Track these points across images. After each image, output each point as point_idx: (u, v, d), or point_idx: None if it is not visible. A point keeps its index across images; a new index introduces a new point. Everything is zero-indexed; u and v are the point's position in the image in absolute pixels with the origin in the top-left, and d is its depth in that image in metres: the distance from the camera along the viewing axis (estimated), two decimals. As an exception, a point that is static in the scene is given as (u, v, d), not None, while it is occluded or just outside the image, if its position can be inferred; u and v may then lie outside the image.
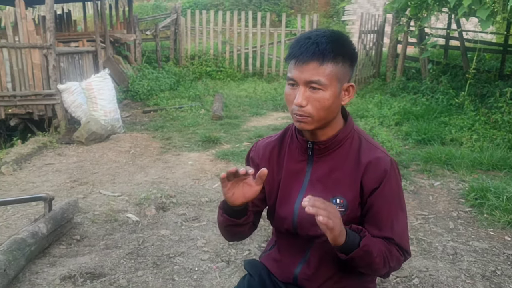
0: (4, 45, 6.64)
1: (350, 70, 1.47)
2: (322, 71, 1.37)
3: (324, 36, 1.41)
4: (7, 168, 4.95)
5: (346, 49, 1.43)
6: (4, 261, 2.52)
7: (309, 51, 1.37)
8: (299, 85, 1.40)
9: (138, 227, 3.55)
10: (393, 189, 1.48)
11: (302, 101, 1.39)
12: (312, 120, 1.41)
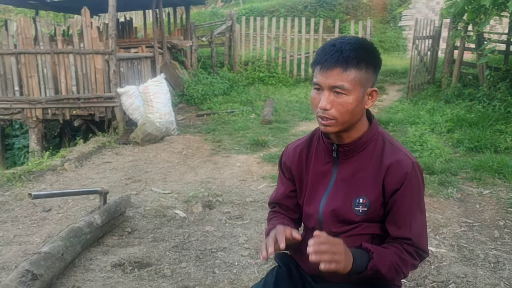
0: (70, 51, 7.14)
1: (374, 76, 1.54)
2: (346, 76, 1.45)
3: (348, 43, 1.49)
4: (69, 165, 5.34)
5: (370, 56, 1.51)
6: (62, 247, 2.78)
7: (334, 58, 1.46)
8: (324, 89, 1.48)
9: (185, 223, 3.74)
10: (413, 190, 1.54)
11: (327, 105, 1.47)
12: (336, 123, 1.49)
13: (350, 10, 19.31)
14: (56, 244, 2.78)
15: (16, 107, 7.44)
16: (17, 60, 7.27)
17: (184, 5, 11.76)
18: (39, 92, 7.31)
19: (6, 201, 4.17)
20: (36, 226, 3.64)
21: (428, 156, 5.34)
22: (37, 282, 2.44)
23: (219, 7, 22.53)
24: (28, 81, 7.29)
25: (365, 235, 1.61)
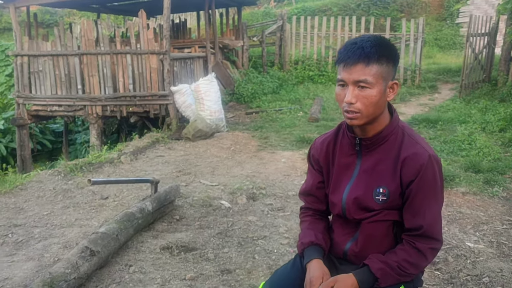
0: (128, 52, 7.58)
1: (394, 70, 1.65)
2: (368, 71, 1.57)
3: (368, 41, 1.62)
4: (125, 158, 5.72)
5: (389, 51, 1.62)
6: (116, 229, 3.06)
7: (356, 55, 1.58)
8: (348, 85, 1.60)
9: (229, 213, 3.96)
10: (429, 181, 1.64)
11: (352, 99, 1.59)
12: (361, 115, 1.61)
13: (405, 7, 18.92)
14: (112, 226, 3.07)
15: (79, 104, 7.98)
16: (80, 61, 7.80)
17: (236, 5, 12.05)
18: (99, 90, 7.81)
19: (69, 189, 4.57)
20: (94, 212, 3.98)
21: (476, 155, 5.27)
22: (94, 258, 2.73)
23: (272, 7, 22.73)
24: (89, 80, 7.82)
25: (385, 222, 1.73)
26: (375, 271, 1.65)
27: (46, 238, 3.42)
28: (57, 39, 7.93)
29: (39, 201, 4.26)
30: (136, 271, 2.89)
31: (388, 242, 1.77)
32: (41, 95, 8.17)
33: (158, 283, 2.74)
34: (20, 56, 8.16)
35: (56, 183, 4.74)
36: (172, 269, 2.93)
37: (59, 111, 8.23)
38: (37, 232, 3.53)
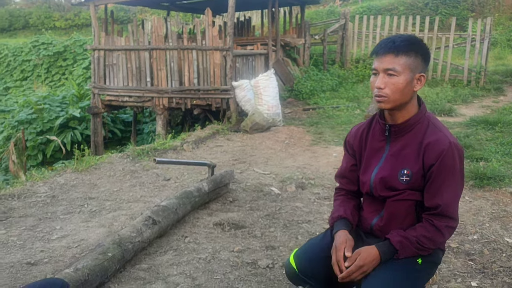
0: (194, 48, 8.07)
1: (422, 64, 1.87)
2: (397, 61, 1.82)
3: (400, 37, 1.88)
4: (187, 146, 6.17)
5: (418, 47, 1.86)
6: (176, 204, 3.45)
7: (387, 47, 1.85)
8: (379, 73, 1.87)
9: (278, 198, 4.26)
10: (448, 165, 1.84)
11: (381, 84, 1.85)
12: (388, 99, 1.85)
13: (476, 6, 18.25)
14: (172, 201, 3.46)
15: (147, 95, 8.59)
16: (150, 55, 8.40)
17: (299, 4, 12.29)
18: (166, 83, 8.37)
19: (136, 170, 5.06)
20: (157, 191, 4.43)
21: (531, 158, 5.21)
22: (155, 227, 3.13)
23: (337, 5, 22.68)
24: (158, 73, 8.40)
25: (408, 201, 1.96)
26: (395, 243, 1.89)
27: (115, 210, 3.89)
28: (130, 34, 8.58)
29: (110, 179, 4.78)
30: (191, 242, 3.26)
31: (410, 219, 1.99)
32: (114, 86, 8.88)
33: (209, 252, 3.09)
34: (97, 50, 8.90)
35: (125, 164, 5.26)
36: (222, 242, 3.27)
37: (130, 101, 8.90)
38: (108, 205, 4.01)
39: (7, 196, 4.11)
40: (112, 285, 2.65)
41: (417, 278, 1.93)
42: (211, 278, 2.75)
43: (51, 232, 3.41)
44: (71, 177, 4.76)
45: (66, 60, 16.87)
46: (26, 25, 26.52)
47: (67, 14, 25.70)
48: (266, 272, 2.86)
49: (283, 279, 2.75)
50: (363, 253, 1.89)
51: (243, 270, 2.86)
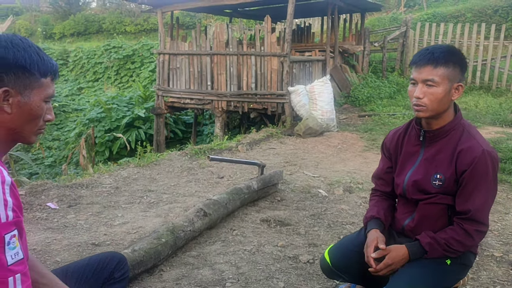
0: (253, 53, 8.36)
1: (460, 74, 1.97)
2: (436, 72, 1.91)
3: (439, 48, 1.97)
4: (242, 147, 6.45)
5: (457, 58, 1.94)
6: (226, 199, 3.71)
7: (426, 58, 1.95)
8: (418, 83, 1.98)
9: (325, 200, 4.40)
10: (480, 172, 1.91)
11: (420, 94, 1.95)
12: (427, 109, 1.96)
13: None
14: (222, 196, 3.72)
15: (207, 98, 8.99)
16: (211, 60, 8.79)
17: (360, 12, 12.30)
18: (226, 87, 8.72)
19: (193, 168, 5.39)
20: (211, 187, 4.71)
21: None
22: (206, 218, 3.39)
23: (401, 12, 22.29)
24: (218, 78, 8.77)
25: (439, 204, 2.05)
26: (424, 245, 2.00)
27: (171, 202, 4.21)
28: (193, 40, 9.02)
29: (169, 174, 5.13)
30: (238, 235, 3.49)
31: (442, 222, 2.08)
32: (177, 89, 9.35)
33: (254, 245, 3.31)
34: (163, 54, 9.42)
35: (183, 162, 5.61)
36: (267, 237, 3.48)
37: (191, 103, 9.34)
38: (165, 197, 4.34)
39: (77, 185, 4.55)
40: (164, 267, 2.93)
41: (444, 277, 2.03)
42: (254, 268, 2.96)
43: (114, 219, 3.77)
44: (134, 171, 5.16)
45: (134, 63, 17.80)
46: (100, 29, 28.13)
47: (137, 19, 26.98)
48: (306, 267, 3.03)
49: (322, 274, 2.90)
50: (392, 251, 2.01)
51: (285, 263, 3.05)
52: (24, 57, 1.30)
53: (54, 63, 1.40)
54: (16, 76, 1.29)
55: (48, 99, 1.39)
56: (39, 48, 1.37)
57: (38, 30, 29.41)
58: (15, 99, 1.30)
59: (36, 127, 1.38)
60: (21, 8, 35.34)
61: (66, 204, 4.06)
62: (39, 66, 1.33)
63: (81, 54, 19.27)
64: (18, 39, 1.32)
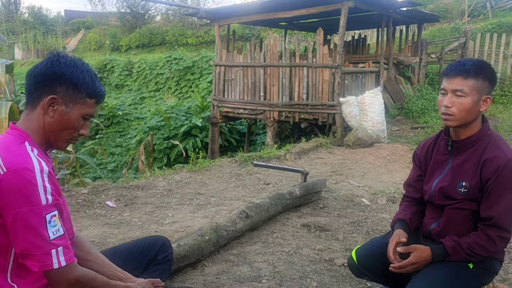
0: (305, 65, 8.56)
1: (489, 87, 2.07)
2: (465, 83, 2.03)
3: (470, 61, 2.09)
4: (290, 156, 6.64)
5: (487, 71, 2.05)
6: (268, 203, 3.91)
7: (457, 69, 2.07)
8: (447, 93, 2.10)
9: (367, 209, 4.49)
10: (505, 181, 2.00)
11: (449, 103, 2.07)
12: (455, 118, 2.07)
13: None
14: (265, 201, 3.92)
15: (260, 109, 9.27)
16: (264, 71, 9.07)
17: (416, 23, 12.15)
18: (278, 97, 8.96)
19: (241, 174, 5.65)
20: (256, 192, 4.93)
21: None
22: (248, 220, 3.61)
23: (465, 21, 21.63)
24: (270, 89, 9.03)
25: (464, 210, 2.16)
26: (448, 248, 2.11)
27: (219, 205, 4.47)
28: (248, 52, 9.35)
29: (218, 179, 5.42)
30: (278, 237, 3.68)
31: (467, 228, 2.17)
32: (231, 99, 9.71)
33: (293, 247, 3.48)
34: (219, 66, 9.83)
35: (232, 168, 5.88)
36: (306, 241, 3.64)
37: (244, 113, 9.66)
38: (213, 200, 4.61)
39: (134, 187, 4.92)
40: (207, 263, 3.17)
41: (466, 280, 2.12)
42: (290, 268, 3.13)
43: (164, 218, 4.07)
44: (186, 175, 5.49)
45: (193, 74, 18.49)
46: (163, 41, 29.42)
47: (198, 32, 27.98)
48: (341, 270, 3.16)
49: (355, 277, 3.03)
50: (417, 251, 2.12)
51: (320, 265, 3.20)
52: (78, 77, 1.58)
53: (103, 90, 1.68)
54: (67, 90, 1.58)
55: (87, 117, 1.66)
56: (95, 75, 1.66)
57: (106, 43, 31.20)
58: (59, 108, 1.59)
59: (69, 136, 1.65)
60: (91, 22, 37.67)
61: (123, 203, 4.43)
62: (88, 88, 1.61)
63: (144, 65, 20.27)
64: (80, 62, 1.62)
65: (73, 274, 1.48)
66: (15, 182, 1.40)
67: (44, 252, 1.41)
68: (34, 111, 1.60)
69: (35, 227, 1.40)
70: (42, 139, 1.60)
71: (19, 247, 1.42)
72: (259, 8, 9.02)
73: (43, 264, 1.42)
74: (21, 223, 1.40)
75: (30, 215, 1.40)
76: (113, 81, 20.84)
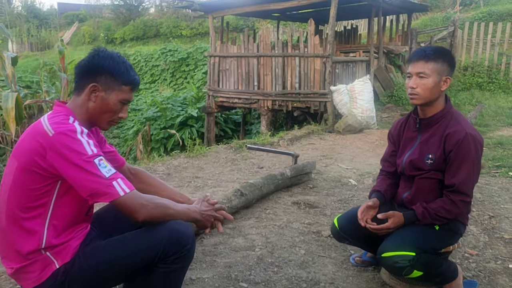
0: (297, 55, 8.83)
1: (449, 69, 2.38)
2: (427, 66, 2.34)
3: (430, 47, 2.42)
4: (282, 142, 6.94)
5: (445, 55, 2.38)
6: (261, 183, 4.21)
7: (419, 55, 2.39)
8: (412, 76, 2.43)
9: (354, 188, 4.81)
10: (464, 152, 2.31)
11: (413, 85, 2.40)
12: (419, 97, 2.39)
13: None
14: (258, 181, 4.23)
15: (254, 98, 9.55)
16: (258, 61, 9.34)
17: (406, 13, 12.43)
18: (271, 87, 9.24)
19: (236, 159, 5.95)
20: (251, 175, 5.24)
21: None
22: (242, 198, 3.91)
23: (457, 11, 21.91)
24: (264, 78, 9.31)
25: (432, 179, 2.47)
26: (418, 213, 2.42)
27: (215, 186, 4.77)
28: (242, 43, 9.61)
29: (214, 164, 5.72)
30: (270, 213, 3.99)
31: (434, 195, 2.49)
32: (226, 89, 9.99)
33: (283, 221, 3.79)
34: (213, 57, 10.09)
35: (228, 154, 6.18)
36: (296, 216, 3.95)
37: (239, 103, 9.94)
38: (210, 183, 4.91)
39: (135, 171, 5.21)
40: (205, 236, 3.46)
41: (432, 238, 2.44)
42: (281, 238, 3.45)
43: (165, 198, 4.37)
44: (184, 161, 5.79)
45: (188, 65, 18.72)
46: (157, 33, 29.55)
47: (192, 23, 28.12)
48: (327, 240, 3.47)
49: (340, 246, 3.34)
50: (395, 217, 2.43)
51: (308, 237, 3.52)
52: (114, 68, 1.91)
53: (137, 78, 2.01)
54: (105, 79, 1.91)
55: (125, 102, 1.98)
56: (130, 65, 1.98)
57: (101, 35, 31.27)
58: (100, 94, 1.91)
59: (109, 118, 1.98)
60: (85, 15, 37.65)
61: (126, 186, 4.72)
62: (123, 76, 1.93)
63: (140, 57, 20.47)
64: (116, 55, 1.95)
65: (139, 198, 1.77)
66: (63, 140, 1.70)
67: (107, 186, 1.70)
68: (79, 96, 1.92)
69: (91, 171, 1.70)
70: (85, 119, 1.92)
71: (85, 191, 1.71)
72: (252, 0, 9.27)
73: (111, 196, 1.71)
74: (78, 172, 1.69)
75: (83, 163, 1.69)
76: (108, 73, 20.99)
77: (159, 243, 1.87)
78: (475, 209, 4.13)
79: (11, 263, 1.81)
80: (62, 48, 7.47)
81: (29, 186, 1.74)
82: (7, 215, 1.78)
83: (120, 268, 1.87)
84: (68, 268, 1.80)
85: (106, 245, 1.90)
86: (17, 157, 1.79)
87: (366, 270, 2.95)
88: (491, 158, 5.87)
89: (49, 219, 1.79)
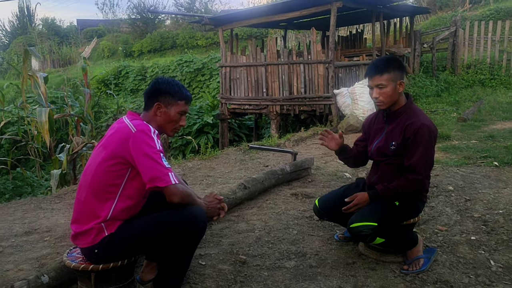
0: (301, 62, 9.44)
1: (400, 74, 2.96)
2: (382, 78, 2.91)
3: (381, 60, 2.99)
4: (289, 143, 7.54)
5: (394, 64, 2.94)
6: (263, 177, 4.82)
7: (373, 70, 2.96)
8: (373, 88, 3.02)
9: (348, 180, 5.37)
10: (419, 139, 2.85)
11: (376, 95, 2.97)
12: (384, 103, 2.97)
13: None
14: (260, 176, 4.84)
15: (263, 104, 10.17)
16: (266, 70, 9.97)
17: (408, 15, 12.92)
18: (279, 93, 9.86)
19: (244, 159, 6.57)
20: (257, 173, 5.84)
21: None
22: (245, 191, 4.52)
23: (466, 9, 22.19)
24: (271, 85, 9.93)
25: (394, 164, 3.03)
26: (379, 190, 3.00)
27: (225, 183, 5.40)
28: (250, 53, 10.26)
29: (225, 165, 6.35)
30: (270, 203, 4.59)
31: (395, 178, 3.06)
32: (237, 96, 10.64)
33: (282, 209, 4.39)
34: (224, 67, 10.76)
35: (237, 155, 6.81)
36: (293, 205, 4.54)
37: (249, 109, 10.58)
38: (220, 180, 5.55)
39: (154, 173, 5.88)
40: (213, 222, 4.09)
41: (392, 212, 3.01)
42: (278, 222, 4.04)
43: (180, 194, 5.01)
44: (197, 163, 6.44)
45: (204, 75, 19.46)
46: (174, 45, 30.45)
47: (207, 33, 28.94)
48: (317, 223, 4.06)
49: (328, 226, 3.93)
50: (359, 196, 3.02)
51: (301, 220, 4.10)
52: (171, 89, 2.62)
53: (189, 94, 2.71)
54: (166, 98, 2.61)
55: (182, 113, 2.68)
56: (182, 85, 2.69)
57: (119, 49, 32.35)
58: (163, 110, 2.62)
59: (173, 127, 2.69)
60: (103, 30, 38.90)
61: (146, 186, 5.38)
62: (178, 94, 2.63)
63: (157, 69, 21.31)
64: (171, 80, 2.67)
65: (180, 188, 2.41)
66: (142, 136, 2.37)
67: (165, 174, 2.34)
68: (148, 112, 2.61)
69: (157, 159, 2.35)
70: (155, 129, 2.55)
71: (148, 175, 2.33)
72: (257, 13, 9.94)
73: (166, 182, 2.32)
74: (147, 159, 2.33)
75: (152, 153, 2.35)
76: (128, 86, 21.92)
77: (182, 219, 2.49)
78: (454, 194, 4.65)
79: (79, 226, 2.47)
80: (85, 65, 8.23)
81: (110, 168, 2.41)
82: (88, 190, 2.44)
83: (148, 239, 2.51)
84: (111, 237, 2.46)
85: (139, 220, 2.54)
86: (105, 146, 2.44)
87: (347, 244, 3.52)
88: (480, 150, 6.35)
89: (118, 197, 2.45)
